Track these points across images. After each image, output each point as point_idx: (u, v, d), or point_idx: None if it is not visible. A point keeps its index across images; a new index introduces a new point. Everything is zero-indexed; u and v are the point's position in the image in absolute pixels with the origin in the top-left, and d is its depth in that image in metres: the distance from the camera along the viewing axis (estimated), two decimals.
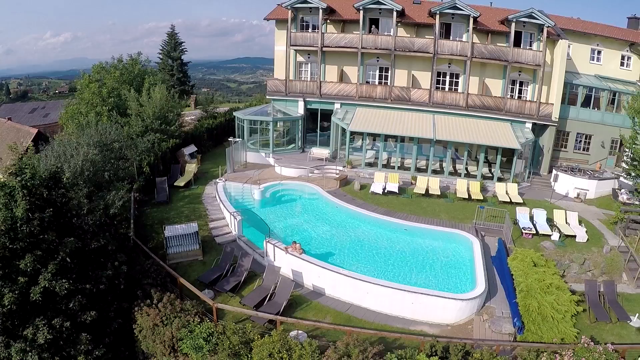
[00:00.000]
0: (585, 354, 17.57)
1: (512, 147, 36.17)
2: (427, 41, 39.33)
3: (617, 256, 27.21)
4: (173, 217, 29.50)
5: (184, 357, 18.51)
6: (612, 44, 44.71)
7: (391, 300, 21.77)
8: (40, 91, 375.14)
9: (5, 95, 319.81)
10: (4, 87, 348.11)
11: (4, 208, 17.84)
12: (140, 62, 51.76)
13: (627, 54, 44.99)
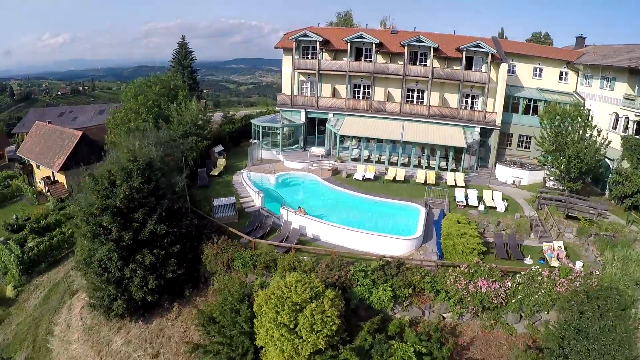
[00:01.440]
0: (475, 267, 29.90)
1: (460, 146, 48.37)
2: (399, 66, 51.49)
3: (525, 221, 39.20)
4: (213, 196, 41.68)
5: (235, 271, 30.79)
6: (552, 62, 56.97)
7: (363, 241, 34.04)
8: (42, 92, 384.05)
9: (9, 97, 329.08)
10: (8, 89, 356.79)
11: (124, 182, 29.96)
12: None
13: (564, 70, 57.10)
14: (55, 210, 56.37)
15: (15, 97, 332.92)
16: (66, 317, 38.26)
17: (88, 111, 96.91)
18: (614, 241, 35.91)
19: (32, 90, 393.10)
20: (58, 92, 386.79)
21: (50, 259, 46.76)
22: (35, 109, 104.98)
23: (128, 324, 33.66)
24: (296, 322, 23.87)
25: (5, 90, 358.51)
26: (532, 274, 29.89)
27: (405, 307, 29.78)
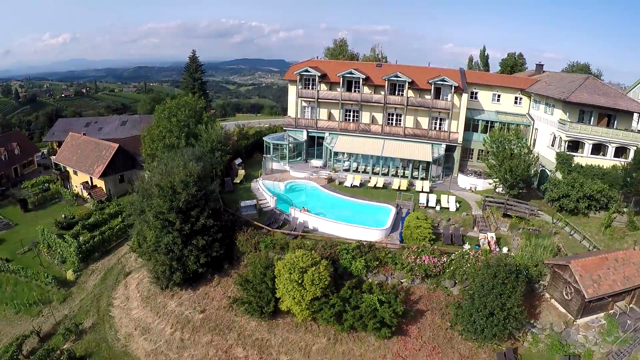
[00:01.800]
0: (422, 248, 44.43)
1: (427, 160, 63.00)
2: (381, 96, 66.15)
3: (469, 218, 53.93)
4: (238, 198, 56.18)
5: (260, 251, 45.15)
6: (508, 90, 71.57)
7: (349, 231, 48.70)
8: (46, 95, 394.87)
9: (15, 99, 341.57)
10: (13, 92, 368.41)
11: (184, 191, 44.03)
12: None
13: (519, 96, 71.71)
14: (97, 210, 70.41)
15: (21, 100, 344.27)
16: (124, 292, 52.57)
17: (112, 122, 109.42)
18: (537, 233, 50.45)
19: (39, 92, 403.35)
20: (62, 95, 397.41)
21: (102, 249, 60.96)
22: (62, 119, 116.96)
23: (179, 292, 47.96)
24: (302, 279, 38.52)
25: (10, 93, 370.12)
26: (463, 254, 44.54)
27: (375, 274, 44.88)
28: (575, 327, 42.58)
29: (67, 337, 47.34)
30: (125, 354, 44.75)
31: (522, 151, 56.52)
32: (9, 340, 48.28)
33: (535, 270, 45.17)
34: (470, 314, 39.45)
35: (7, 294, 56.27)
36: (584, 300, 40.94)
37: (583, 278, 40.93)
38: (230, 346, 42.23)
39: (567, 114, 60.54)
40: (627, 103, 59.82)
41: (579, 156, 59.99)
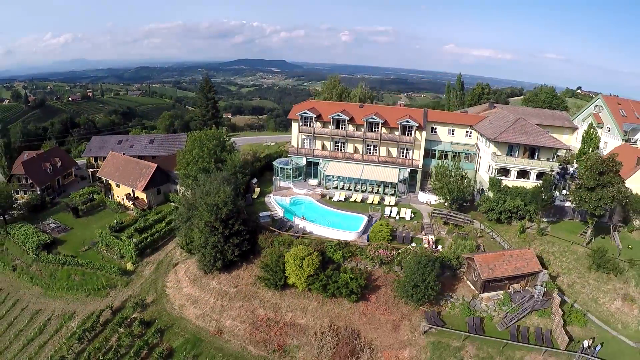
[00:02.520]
0: (381, 245, 69.98)
1: (394, 182, 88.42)
2: (361, 132, 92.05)
3: (419, 224, 79.76)
4: (257, 210, 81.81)
5: (274, 247, 70.59)
6: (461, 125, 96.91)
7: (333, 233, 75.05)
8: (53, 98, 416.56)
9: (24, 103, 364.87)
10: (23, 96, 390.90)
11: (225, 207, 68.92)
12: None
13: (470, 131, 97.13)
14: (141, 217, 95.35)
15: (30, 104, 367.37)
16: (174, 277, 77.73)
17: (141, 140, 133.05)
18: (465, 236, 75.87)
19: (44, 96, 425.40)
20: (69, 99, 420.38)
21: (153, 246, 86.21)
22: (96, 137, 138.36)
23: (218, 275, 73.17)
24: (302, 264, 64.24)
25: (20, 97, 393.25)
26: (407, 249, 70.06)
27: (349, 261, 71.06)
28: (480, 299, 68.62)
29: (135, 309, 72.67)
30: (181, 317, 70.38)
31: (457, 177, 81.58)
32: (86, 314, 74.00)
33: (456, 261, 70.70)
34: (405, 285, 64.75)
35: (76, 282, 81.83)
36: (483, 281, 66.34)
37: (482, 266, 66.83)
38: (255, 308, 68.00)
39: (498, 148, 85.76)
40: (545, 140, 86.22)
41: (507, 180, 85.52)
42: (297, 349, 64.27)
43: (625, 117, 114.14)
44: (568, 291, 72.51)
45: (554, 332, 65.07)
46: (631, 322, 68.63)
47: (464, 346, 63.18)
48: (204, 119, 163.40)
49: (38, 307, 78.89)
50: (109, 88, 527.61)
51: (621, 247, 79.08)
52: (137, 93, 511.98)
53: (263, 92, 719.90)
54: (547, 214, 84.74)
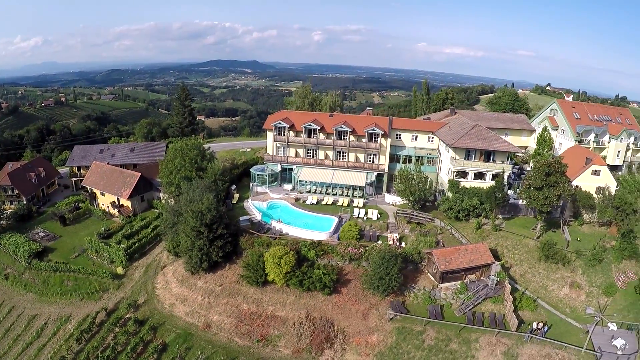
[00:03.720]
0: (350, 243, 78.69)
1: (362, 185, 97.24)
2: (331, 140, 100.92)
3: (384, 224, 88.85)
4: (237, 214, 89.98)
5: (254, 247, 78.85)
6: (423, 132, 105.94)
7: (307, 234, 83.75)
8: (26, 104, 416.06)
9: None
10: None
11: (209, 213, 76.83)
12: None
13: (432, 136, 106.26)
14: (127, 223, 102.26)
15: (3, 111, 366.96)
16: (163, 278, 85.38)
17: (122, 149, 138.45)
18: (426, 233, 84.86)
19: (17, 102, 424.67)
20: (42, 104, 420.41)
21: (141, 251, 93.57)
22: (78, 146, 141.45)
23: (204, 275, 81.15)
24: (280, 262, 72.61)
25: None
26: (373, 246, 78.82)
27: (321, 258, 79.76)
28: (439, 288, 77.84)
29: (128, 309, 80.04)
30: (171, 315, 78.19)
31: (419, 180, 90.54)
32: (82, 317, 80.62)
33: (418, 256, 79.76)
34: (371, 278, 73.58)
35: (69, 287, 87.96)
36: (441, 272, 75.41)
37: (440, 260, 76.01)
38: (239, 304, 76.40)
39: (456, 153, 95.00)
40: (499, 144, 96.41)
41: (465, 181, 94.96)
42: (279, 338, 72.69)
43: (579, 120, 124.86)
44: (520, 280, 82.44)
45: (506, 317, 74.70)
46: (578, 306, 78.97)
47: (425, 330, 72.37)
48: (181, 127, 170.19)
49: (34, 312, 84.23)
50: (81, 92, 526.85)
51: (570, 239, 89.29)
52: (110, 97, 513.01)
53: (236, 94, 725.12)
54: (503, 211, 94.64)
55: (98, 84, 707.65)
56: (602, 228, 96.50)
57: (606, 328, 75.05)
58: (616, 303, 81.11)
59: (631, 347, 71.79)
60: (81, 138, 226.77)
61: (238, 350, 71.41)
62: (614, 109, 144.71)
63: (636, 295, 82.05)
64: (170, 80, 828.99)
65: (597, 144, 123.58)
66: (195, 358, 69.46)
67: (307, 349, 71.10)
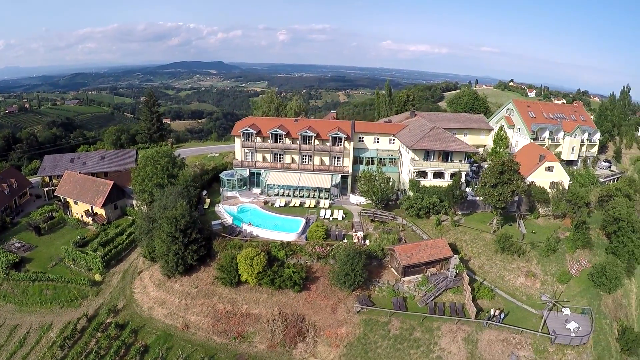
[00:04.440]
0: (318, 243, 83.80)
1: (327, 187, 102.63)
2: (297, 145, 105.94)
3: (349, 223, 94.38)
4: (209, 219, 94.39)
5: (227, 250, 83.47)
6: (384, 134, 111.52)
7: (277, 236, 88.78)
8: None
9: None
10: None
11: (183, 219, 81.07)
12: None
13: (393, 138, 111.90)
14: (102, 231, 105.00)
15: None
16: (140, 283, 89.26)
17: (92, 157, 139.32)
18: (389, 231, 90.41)
19: None
20: (6, 111, 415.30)
21: (117, 258, 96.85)
22: (49, 155, 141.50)
23: (180, 278, 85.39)
24: (252, 263, 77.37)
25: None
26: (339, 244, 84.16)
27: (291, 258, 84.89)
28: (402, 282, 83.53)
29: (109, 315, 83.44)
30: (150, 318, 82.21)
31: (381, 181, 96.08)
32: (63, 324, 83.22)
33: (381, 252, 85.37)
34: (338, 275, 79.02)
35: (49, 296, 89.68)
36: (403, 267, 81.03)
37: (401, 255, 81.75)
38: (215, 304, 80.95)
39: (416, 154, 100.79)
40: (456, 145, 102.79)
41: (425, 180, 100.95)
42: (254, 334, 77.58)
43: (534, 118, 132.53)
44: (478, 271, 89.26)
45: (465, 305, 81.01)
46: (534, 293, 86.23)
47: (390, 321, 78.14)
48: (150, 133, 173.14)
49: (15, 322, 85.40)
50: (45, 97, 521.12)
51: (525, 232, 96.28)
52: (75, 102, 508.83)
53: (201, 95, 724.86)
54: (462, 207, 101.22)
55: (61, 88, 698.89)
56: (557, 220, 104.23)
57: (560, 313, 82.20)
58: (570, 290, 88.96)
59: (584, 329, 79.12)
60: (48, 146, 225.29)
61: (216, 347, 75.94)
62: (569, 106, 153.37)
63: (589, 282, 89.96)
64: (135, 83, 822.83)
65: (552, 141, 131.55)
66: (176, 357, 73.63)
67: (281, 343, 76.05)
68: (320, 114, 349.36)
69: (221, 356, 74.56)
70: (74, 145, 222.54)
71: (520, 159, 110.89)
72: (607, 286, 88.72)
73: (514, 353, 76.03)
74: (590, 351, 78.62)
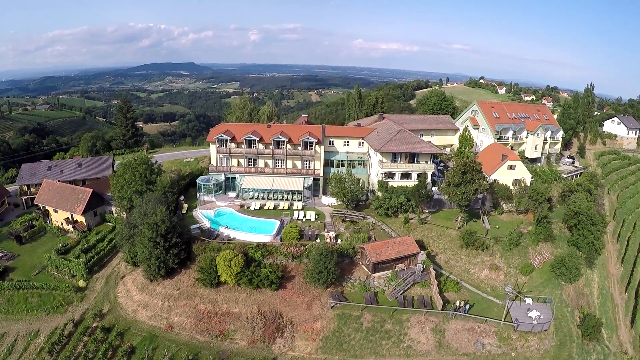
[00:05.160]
0: (292, 243, 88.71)
1: (300, 189, 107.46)
2: (270, 150, 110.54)
3: (322, 224, 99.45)
4: (188, 223, 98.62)
5: (206, 253, 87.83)
6: (354, 138, 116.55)
7: (253, 238, 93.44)
8: None
9: None
10: None
11: (163, 224, 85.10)
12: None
13: (362, 141, 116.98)
14: (83, 238, 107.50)
15: None
16: (123, 287, 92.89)
17: (69, 164, 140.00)
18: (359, 230, 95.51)
19: None
20: None
21: (100, 264, 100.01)
22: (26, 164, 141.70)
23: (162, 281, 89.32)
24: (230, 264, 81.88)
25: None
26: (312, 244, 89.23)
27: (267, 258, 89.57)
28: (372, 278, 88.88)
29: (94, 319, 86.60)
30: (135, 320, 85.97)
31: (351, 182, 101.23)
32: (50, 330, 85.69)
33: (352, 251, 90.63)
34: (312, 273, 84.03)
35: (34, 304, 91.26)
36: (373, 264, 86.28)
37: (371, 252, 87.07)
38: (196, 304, 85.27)
39: (383, 156, 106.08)
40: (421, 147, 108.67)
41: (393, 181, 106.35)
42: (235, 332, 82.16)
43: (498, 119, 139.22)
44: (445, 266, 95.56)
45: (432, 298, 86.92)
46: (498, 285, 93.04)
47: (363, 315, 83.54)
48: (125, 139, 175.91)
49: (2, 330, 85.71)
50: (15, 102, 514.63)
51: (489, 227, 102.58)
52: (46, 107, 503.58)
53: (173, 97, 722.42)
54: (428, 205, 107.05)
55: (32, 93, 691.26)
56: (520, 216, 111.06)
57: (523, 302, 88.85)
58: (533, 281, 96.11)
59: (546, 317, 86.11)
60: (22, 153, 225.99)
61: (200, 346, 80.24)
62: (532, 106, 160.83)
63: (551, 272, 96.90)
64: (106, 86, 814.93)
65: (515, 140, 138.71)
66: (162, 357, 77.70)
67: (261, 339, 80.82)
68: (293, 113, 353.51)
69: (205, 354, 78.66)
70: (48, 152, 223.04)
71: (485, 158, 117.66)
72: (568, 276, 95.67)
73: (479, 341, 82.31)
74: (552, 337, 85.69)
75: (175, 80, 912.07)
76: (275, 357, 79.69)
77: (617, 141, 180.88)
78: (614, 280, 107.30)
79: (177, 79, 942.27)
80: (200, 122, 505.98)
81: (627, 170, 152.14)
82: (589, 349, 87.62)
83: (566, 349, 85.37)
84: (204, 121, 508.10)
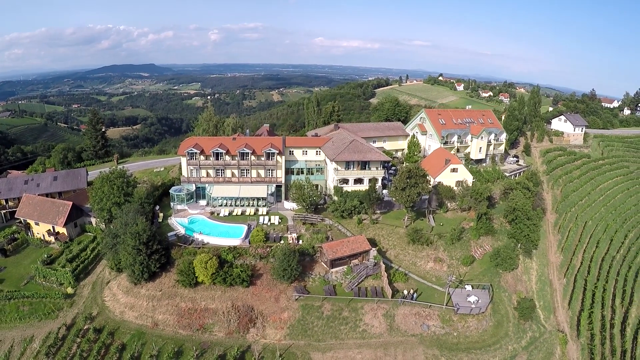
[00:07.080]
0: (259, 245, 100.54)
1: (264, 196, 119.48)
2: (235, 161, 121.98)
3: (284, 226, 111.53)
4: (164, 231, 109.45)
5: (184, 257, 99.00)
6: (312, 147, 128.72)
7: (225, 242, 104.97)
8: None
9: None
10: None
11: (145, 233, 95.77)
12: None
13: (319, 150, 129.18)
14: (65, 249, 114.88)
15: None
16: (109, 292, 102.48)
17: (45, 178, 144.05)
18: (318, 231, 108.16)
19: None
20: None
21: (85, 271, 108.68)
22: (2, 179, 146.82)
23: (146, 284, 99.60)
24: (206, 266, 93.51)
25: None
26: (277, 245, 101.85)
27: (237, 259, 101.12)
28: (330, 273, 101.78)
29: (85, 322, 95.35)
30: (123, 320, 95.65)
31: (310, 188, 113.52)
32: (44, 335, 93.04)
33: (312, 250, 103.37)
34: (277, 270, 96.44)
35: (26, 312, 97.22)
36: (330, 260, 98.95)
37: (328, 250, 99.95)
38: (177, 303, 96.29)
39: (338, 165, 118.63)
40: (372, 155, 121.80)
41: (347, 186, 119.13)
42: (213, 325, 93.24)
43: (444, 125, 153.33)
44: (394, 260, 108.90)
45: (383, 288, 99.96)
46: (442, 275, 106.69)
47: (323, 305, 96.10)
48: (95, 150, 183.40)
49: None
50: None
51: (434, 225, 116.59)
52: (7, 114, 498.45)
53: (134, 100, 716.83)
54: (380, 207, 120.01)
55: None
56: (464, 213, 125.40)
57: (463, 289, 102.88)
58: (474, 270, 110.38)
59: (484, 301, 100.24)
60: None
61: (183, 339, 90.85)
62: (478, 111, 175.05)
63: (490, 263, 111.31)
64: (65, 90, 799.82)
65: (461, 144, 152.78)
66: (150, 351, 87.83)
67: (236, 330, 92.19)
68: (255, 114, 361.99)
69: (188, 345, 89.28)
70: (15, 162, 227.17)
71: (431, 162, 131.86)
72: (504, 265, 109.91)
73: (425, 323, 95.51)
74: (490, 318, 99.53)
75: (135, 83, 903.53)
76: (249, 345, 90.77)
77: (564, 138, 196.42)
78: (554, 268, 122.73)
79: (138, 80, 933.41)
80: (163, 125, 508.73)
81: (573, 165, 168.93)
82: (524, 328, 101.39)
83: (503, 328, 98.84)
84: (166, 124, 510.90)
